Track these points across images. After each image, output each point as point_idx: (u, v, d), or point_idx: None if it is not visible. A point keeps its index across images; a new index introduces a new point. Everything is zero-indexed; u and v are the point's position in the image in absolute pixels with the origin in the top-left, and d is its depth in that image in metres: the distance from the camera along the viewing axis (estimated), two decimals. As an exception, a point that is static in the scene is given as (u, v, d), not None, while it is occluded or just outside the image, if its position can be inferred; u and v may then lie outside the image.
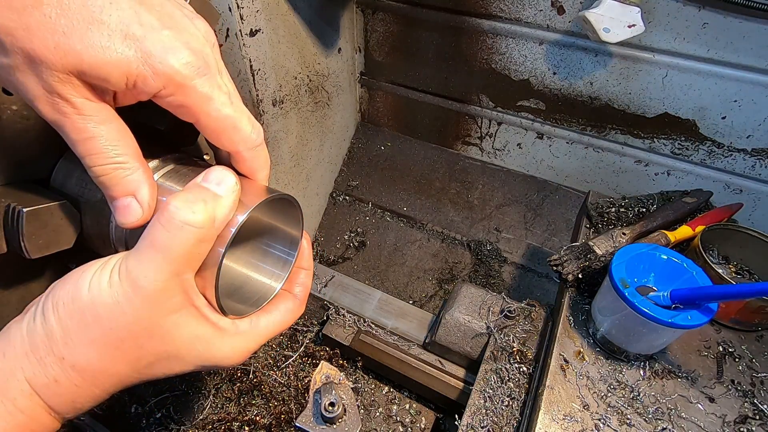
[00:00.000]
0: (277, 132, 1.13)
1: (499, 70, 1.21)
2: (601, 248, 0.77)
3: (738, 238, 0.78)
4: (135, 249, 0.36)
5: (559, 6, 1.03)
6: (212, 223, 0.36)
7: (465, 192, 1.43)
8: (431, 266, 1.40)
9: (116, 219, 0.38)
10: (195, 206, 0.35)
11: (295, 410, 0.92)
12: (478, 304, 0.92)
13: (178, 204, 0.35)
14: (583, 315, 0.75)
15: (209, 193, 0.37)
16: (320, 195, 1.49)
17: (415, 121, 1.47)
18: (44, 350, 0.35)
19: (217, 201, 0.37)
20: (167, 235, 0.35)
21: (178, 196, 0.36)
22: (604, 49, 1.04)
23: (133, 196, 0.37)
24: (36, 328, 0.35)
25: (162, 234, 0.35)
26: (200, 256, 0.37)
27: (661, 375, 0.67)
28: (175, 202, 0.35)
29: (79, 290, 0.35)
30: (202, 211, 0.35)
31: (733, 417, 0.63)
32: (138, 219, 0.38)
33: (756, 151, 1.03)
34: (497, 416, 0.73)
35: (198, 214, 0.35)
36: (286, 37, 1.05)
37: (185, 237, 0.35)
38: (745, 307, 0.70)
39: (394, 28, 1.29)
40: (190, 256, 0.36)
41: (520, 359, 0.79)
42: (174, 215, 0.35)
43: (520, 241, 1.36)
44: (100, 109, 0.34)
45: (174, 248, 0.35)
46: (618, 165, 1.23)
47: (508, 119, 1.30)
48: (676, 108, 1.05)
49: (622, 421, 0.62)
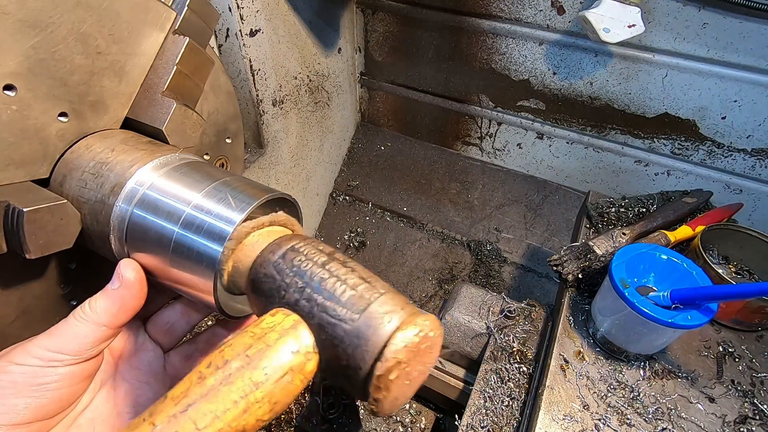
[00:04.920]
0: (277, 132, 1.13)
1: (499, 70, 1.21)
2: (601, 248, 0.77)
3: (738, 238, 0.78)
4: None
5: (559, 6, 1.03)
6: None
7: (465, 192, 1.43)
8: (431, 266, 1.40)
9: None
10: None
11: (295, 410, 0.92)
12: (478, 304, 0.92)
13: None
14: (583, 315, 0.75)
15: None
16: (320, 195, 1.49)
17: (415, 121, 1.47)
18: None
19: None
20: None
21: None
22: (604, 49, 1.04)
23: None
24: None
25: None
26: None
27: (661, 375, 0.67)
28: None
29: None
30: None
31: (733, 417, 0.63)
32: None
33: (756, 151, 1.03)
34: (497, 416, 0.73)
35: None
36: (286, 37, 1.05)
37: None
38: (745, 307, 0.70)
39: (394, 28, 1.29)
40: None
41: (520, 359, 0.79)
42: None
43: (520, 241, 1.36)
44: None
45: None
46: (618, 165, 1.23)
47: (508, 119, 1.30)
48: (676, 108, 1.05)
49: (622, 421, 0.62)
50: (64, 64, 0.41)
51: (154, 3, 0.47)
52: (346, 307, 0.31)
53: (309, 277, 0.33)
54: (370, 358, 0.30)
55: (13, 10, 0.37)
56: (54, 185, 0.44)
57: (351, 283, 0.32)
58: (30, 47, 0.38)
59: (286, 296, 0.33)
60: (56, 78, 0.41)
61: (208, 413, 0.28)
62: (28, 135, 0.40)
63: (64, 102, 0.42)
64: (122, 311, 0.38)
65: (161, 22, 0.48)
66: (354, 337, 0.30)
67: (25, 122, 0.40)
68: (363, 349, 0.30)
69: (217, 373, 0.29)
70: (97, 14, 0.42)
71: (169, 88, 0.49)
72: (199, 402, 0.28)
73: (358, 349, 0.30)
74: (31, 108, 0.40)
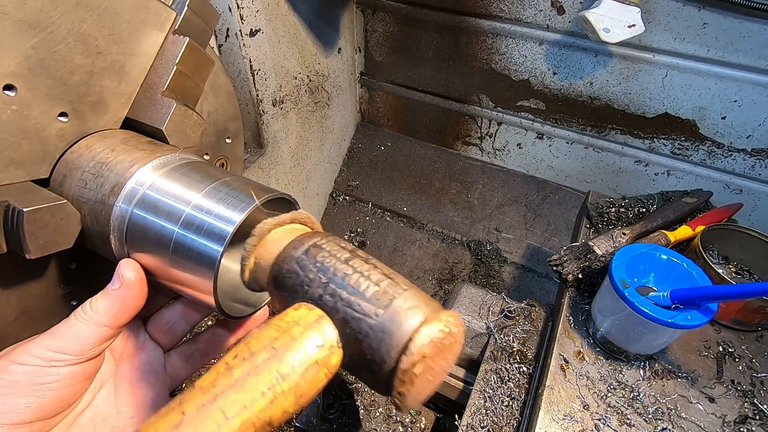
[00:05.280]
0: (277, 132, 1.13)
1: (499, 70, 1.21)
2: (601, 248, 0.77)
3: (738, 238, 0.78)
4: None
5: (559, 6, 1.03)
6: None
7: (465, 192, 1.43)
8: (431, 266, 1.40)
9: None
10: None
11: (295, 410, 0.92)
12: (478, 304, 0.92)
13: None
14: (583, 315, 0.75)
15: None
16: (320, 195, 1.49)
17: (415, 121, 1.47)
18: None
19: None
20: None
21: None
22: (604, 49, 1.04)
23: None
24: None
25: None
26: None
27: (661, 375, 0.67)
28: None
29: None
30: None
31: (733, 417, 0.63)
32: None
33: (756, 151, 1.03)
34: (497, 416, 0.73)
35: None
36: (286, 37, 1.05)
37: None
38: (745, 307, 0.70)
39: (394, 28, 1.29)
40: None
41: (520, 359, 0.79)
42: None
43: (520, 241, 1.36)
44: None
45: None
46: (618, 165, 1.23)
47: (508, 119, 1.30)
48: (676, 108, 1.05)
49: (622, 421, 0.62)
50: (64, 64, 0.41)
51: (154, 3, 0.47)
52: (371, 303, 0.31)
53: (332, 272, 0.33)
54: (395, 352, 0.30)
55: (13, 10, 0.37)
56: (54, 185, 0.44)
57: (374, 279, 0.32)
58: (30, 47, 0.38)
59: (310, 291, 0.33)
60: (56, 78, 0.41)
61: (236, 403, 0.28)
62: (28, 135, 0.40)
63: (64, 102, 0.42)
64: (123, 311, 0.38)
65: (161, 22, 0.48)
66: (379, 332, 0.30)
67: (25, 122, 0.40)
68: (388, 344, 0.30)
69: (244, 364, 0.30)
70: (97, 14, 0.42)
71: (169, 88, 0.49)
72: (227, 392, 0.28)
73: (383, 344, 0.30)
74: (31, 108, 0.40)
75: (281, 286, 0.35)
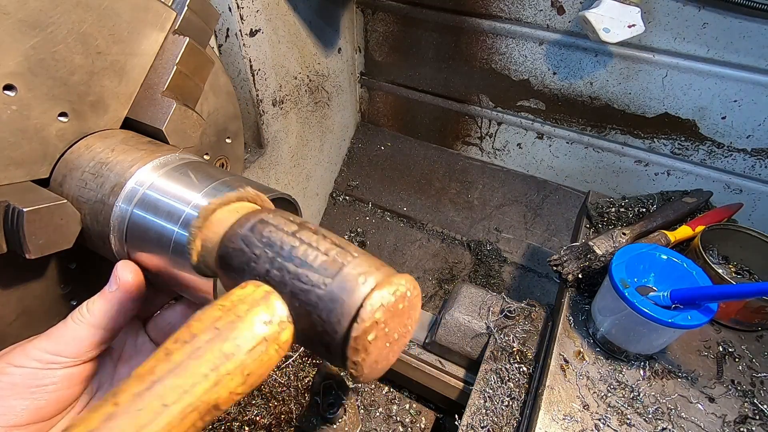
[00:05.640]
0: (277, 132, 1.13)
1: (499, 70, 1.21)
2: (601, 248, 0.77)
3: (738, 238, 0.78)
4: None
5: (559, 6, 1.03)
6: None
7: (465, 192, 1.43)
8: (431, 266, 1.40)
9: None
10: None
11: (295, 410, 0.92)
12: (478, 304, 0.92)
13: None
14: (583, 315, 0.75)
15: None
16: (320, 195, 1.49)
17: (415, 121, 1.47)
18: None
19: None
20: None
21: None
22: (604, 49, 1.04)
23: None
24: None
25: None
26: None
27: (661, 375, 0.67)
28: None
29: None
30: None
31: (733, 417, 0.63)
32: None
33: (756, 151, 1.03)
34: (497, 416, 0.73)
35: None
36: (286, 37, 1.05)
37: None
38: (745, 307, 0.70)
39: (394, 28, 1.29)
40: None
41: (520, 359, 0.79)
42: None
43: (520, 241, 1.36)
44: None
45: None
46: (618, 165, 1.23)
47: (508, 119, 1.30)
48: (676, 108, 1.05)
49: (622, 421, 0.62)
50: (64, 64, 0.41)
51: (154, 3, 0.47)
52: (319, 273, 0.30)
53: (279, 246, 0.32)
54: (346, 320, 0.29)
55: (13, 10, 0.37)
56: (54, 185, 0.44)
57: (323, 249, 0.31)
58: (30, 47, 0.38)
59: (256, 268, 0.32)
60: (56, 78, 0.41)
61: (175, 389, 0.27)
62: (28, 135, 0.41)
63: (64, 102, 0.42)
64: (119, 314, 0.38)
65: (161, 22, 0.48)
66: (328, 302, 0.29)
67: (25, 122, 0.40)
68: (338, 312, 0.29)
69: (185, 347, 0.28)
70: (97, 14, 0.42)
71: (169, 88, 0.49)
72: (165, 378, 0.27)
73: (333, 313, 0.29)
74: (31, 108, 0.40)
75: (228, 267, 0.34)
